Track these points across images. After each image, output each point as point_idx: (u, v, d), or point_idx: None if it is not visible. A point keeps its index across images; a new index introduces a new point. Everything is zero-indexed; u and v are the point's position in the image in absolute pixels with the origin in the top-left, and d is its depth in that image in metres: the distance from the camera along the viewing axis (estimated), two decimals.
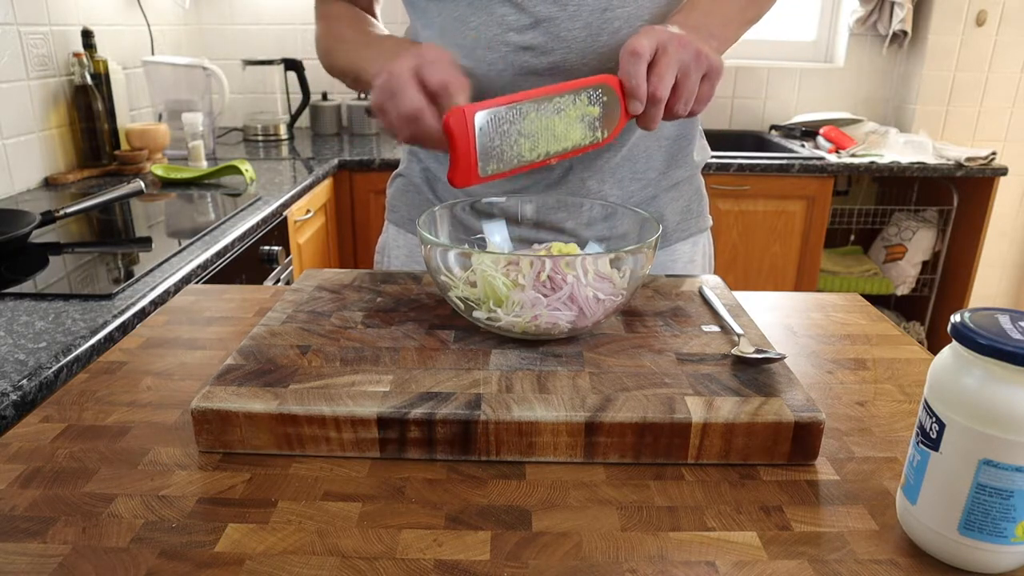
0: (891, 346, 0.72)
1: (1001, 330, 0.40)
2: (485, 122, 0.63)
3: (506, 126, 0.65)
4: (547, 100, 0.66)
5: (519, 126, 0.65)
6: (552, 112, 0.67)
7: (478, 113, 0.63)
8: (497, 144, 0.65)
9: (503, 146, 0.65)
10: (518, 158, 0.66)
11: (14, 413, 0.76)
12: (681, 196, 0.92)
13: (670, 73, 0.66)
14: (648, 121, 0.69)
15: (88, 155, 1.89)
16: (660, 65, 0.66)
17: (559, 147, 0.68)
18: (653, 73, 0.66)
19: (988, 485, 0.40)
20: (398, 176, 0.98)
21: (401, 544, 0.44)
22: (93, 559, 0.43)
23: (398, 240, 0.96)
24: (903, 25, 2.63)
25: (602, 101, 0.68)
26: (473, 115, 0.63)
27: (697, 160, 0.93)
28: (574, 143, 0.68)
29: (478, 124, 0.63)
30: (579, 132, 0.68)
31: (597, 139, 0.69)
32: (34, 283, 1.11)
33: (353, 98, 2.71)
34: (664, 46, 0.66)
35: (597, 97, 0.68)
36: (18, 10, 1.66)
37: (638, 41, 0.66)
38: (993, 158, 2.41)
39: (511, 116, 0.65)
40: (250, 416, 0.52)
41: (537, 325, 0.61)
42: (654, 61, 0.66)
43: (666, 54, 0.66)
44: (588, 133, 0.69)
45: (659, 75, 0.66)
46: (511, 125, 0.65)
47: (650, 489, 0.50)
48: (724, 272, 2.45)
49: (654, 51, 0.66)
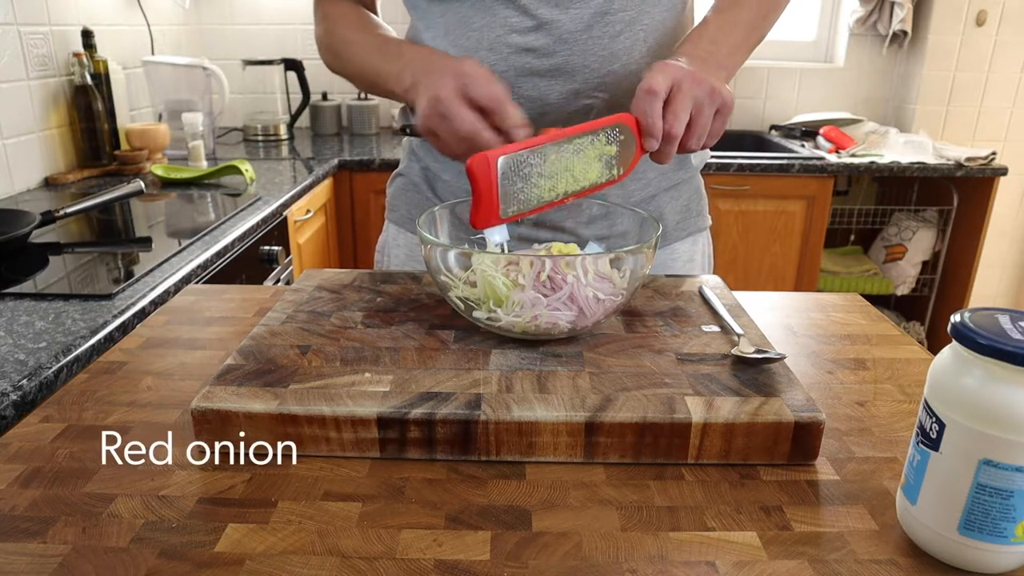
0: (891, 346, 0.72)
1: (1001, 330, 0.40)
2: (507, 167, 0.64)
3: (527, 169, 0.65)
4: (567, 142, 0.66)
5: (540, 168, 0.66)
6: (571, 153, 0.67)
7: (500, 158, 0.63)
8: (519, 187, 0.65)
9: (524, 188, 0.65)
10: (537, 199, 0.67)
11: (14, 413, 0.76)
12: (681, 196, 0.92)
13: (685, 111, 0.67)
14: (662, 157, 0.70)
15: (88, 155, 1.89)
16: (675, 103, 0.67)
17: (577, 187, 0.68)
18: (668, 111, 0.67)
19: (988, 485, 0.40)
20: (398, 175, 0.98)
21: (401, 544, 0.44)
22: (93, 559, 0.43)
23: (398, 239, 0.96)
24: (903, 25, 2.63)
25: (619, 140, 0.68)
26: (496, 160, 0.63)
27: (696, 162, 0.94)
28: (591, 182, 0.69)
29: (500, 169, 0.64)
30: (596, 171, 0.69)
31: (613, 177, 0.70)
32: (34, 283, 1.11)
33: (353, 98, 2.71)
34: (679, 84, 0.67)
35: (615, 136, 0.68)
36: (18, 10, 1.66)
37: (654, 79, 0.66)
38: (993, 158, 2.41)
39: (532, 160, 0.65)
40: (250, 416, 0.52)
41: (537, 325, 0.61)
42: (669, 98, 0.67)
43: (681, 91, 0.67)
44: (605, 171, 0.69)
45: (674, 113, 0.67)
46: (532, 168, 0.65)
47: (650, 489, 0.50)
48: (724, 272, 2.45)
49: (669, 88, 0.67)
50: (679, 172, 0.91)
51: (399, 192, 0.97)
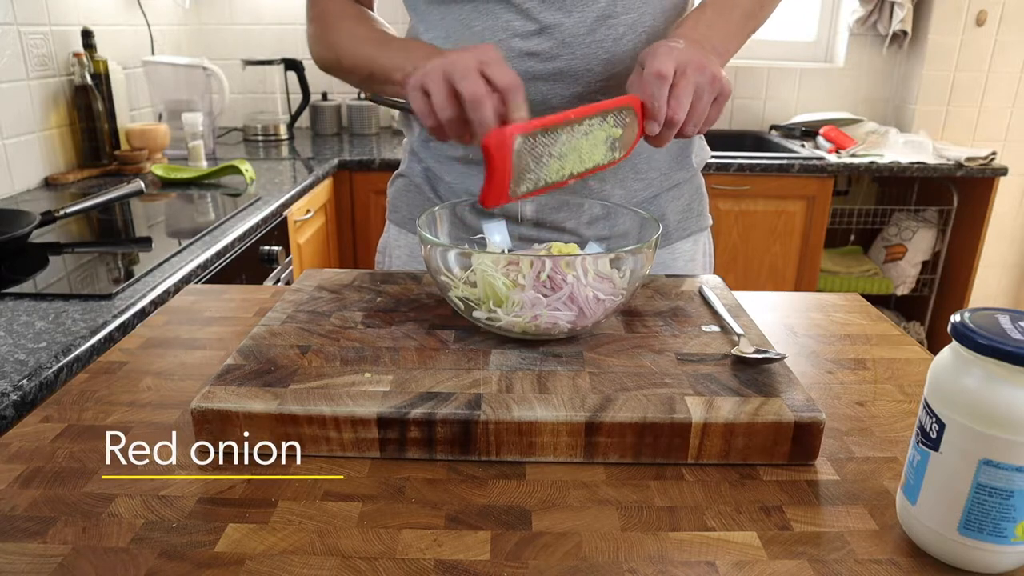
0: (891, 346, 0.72)
1: (1001, 330, 0.40)
2: (521, 146, 0.63)
3: (540, 149, 0.65)
4: (579, 123, 0.66)
5: (551, 148, 0.65)
6: (581, 134, 0.67)
7: (517, 136, 0.63)
8: (531, 167, 0.65)
9: (536, 168, 0.65)
10: (545, 179, 0.66)
11: (14, 413, 0.76)
12: (682, 195, 0.92)
13: (688, 96, 0.67)
14: (660, 141, 0.70)
15: (88, 155, 1.89)
16: (679, 88, 0.66)
17: (582, 168, 0.68)
18: (672, 96, 0.67)
19: (988, 485, 0.40)
20: (399, 176, 0.98)
21: (401, 544, 0.44)
22: (93, 559, 0.43)
23: (399, 240, 0.96)
24: (903, 25, 2.63)
25: (624, 123, 0.68)
26: (513, 138, 0.62)
27: (696, 162, 0.93)
28: (595, 163, 0.69)
29: (515, 147, 0.63)
30: (601, 153, 0.69)
31: (614, 159, 0.70)
32: (34, 283, 1.11)
33: (353, 98, 2.71)
34: (683, 69, 0.67)
35: (621, 119, 0.68)
36: (18, 10, 1.66)
37: (662, 63, 0.66)
38: (993, 158, 2.41)
39: (546, 139, 0.65)
40: (250, 416, 0.52)
41: (537, 325, 0.61)
42: (673, 83, 0.67)
43: (684, 76, 0.66)
44: (608, 153, 0.69)
45: (677, 98, 0.66)
46: (544, 148, 0.65)
47: (650, 489, 0.50)
48: (724, 272, 2.44)
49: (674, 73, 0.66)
50: (680, 172, 0.91)
51: (400, 193, 0.97)
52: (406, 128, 0.97)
